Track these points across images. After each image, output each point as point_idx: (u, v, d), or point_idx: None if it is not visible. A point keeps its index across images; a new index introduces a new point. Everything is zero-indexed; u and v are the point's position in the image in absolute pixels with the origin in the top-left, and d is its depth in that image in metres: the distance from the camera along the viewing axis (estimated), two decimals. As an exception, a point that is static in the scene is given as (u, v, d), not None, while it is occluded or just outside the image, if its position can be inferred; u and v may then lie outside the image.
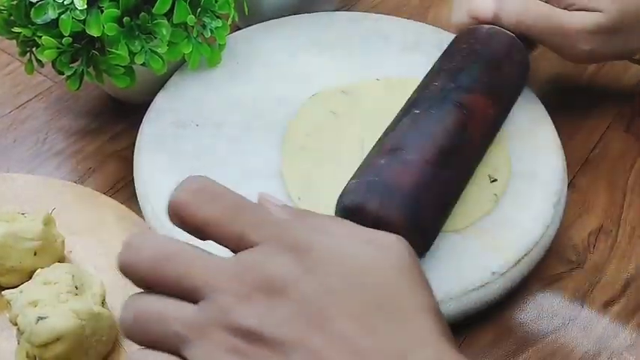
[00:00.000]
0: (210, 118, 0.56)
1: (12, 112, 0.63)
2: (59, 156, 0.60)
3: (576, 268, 0.53)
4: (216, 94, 0.58)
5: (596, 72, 0.68)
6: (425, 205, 0.42)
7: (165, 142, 0.54)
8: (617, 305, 0.51)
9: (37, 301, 0.43)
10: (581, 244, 0.54)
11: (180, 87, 0.58)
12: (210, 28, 0.56)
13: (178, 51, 0.55)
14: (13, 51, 0.67)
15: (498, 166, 0.52)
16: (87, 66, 0.54)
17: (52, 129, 0.62)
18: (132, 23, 0.53)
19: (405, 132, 0.46)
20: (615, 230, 0.55)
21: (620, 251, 0.54)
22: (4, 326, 0.47)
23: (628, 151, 0.61)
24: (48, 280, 0.45)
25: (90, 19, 0.52)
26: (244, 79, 0.59)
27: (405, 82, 0.58)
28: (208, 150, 0.54)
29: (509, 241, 0.49)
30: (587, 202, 0.57)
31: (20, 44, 0.56)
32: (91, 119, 0.63)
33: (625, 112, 0.64)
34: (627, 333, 0.49)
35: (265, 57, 0.61)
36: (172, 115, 0.56)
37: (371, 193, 0.42)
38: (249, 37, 0.63)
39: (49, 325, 0.42)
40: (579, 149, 0.60)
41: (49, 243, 0.49)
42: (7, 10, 0.54)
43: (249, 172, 0.52)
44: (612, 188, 0.58)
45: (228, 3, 0.57)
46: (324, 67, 0.60)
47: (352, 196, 0.43)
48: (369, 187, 0.42)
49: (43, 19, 0.52)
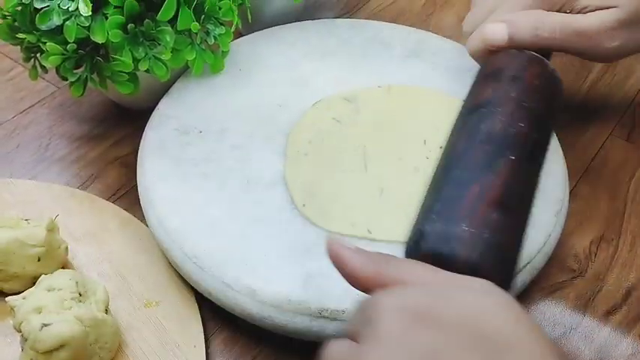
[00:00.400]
0: (214, 124, 0.56)
1: (15, 117, 0.64)
2: (62, 162, 0.60)
3: (578, 276, 0.53)
4: (219, 101, 0.58)
5: (597, 81, 0.68)
6: (514, 256, 0.41)
7: (168, 149, 0.54)
8: (619, 314, 0.51)
9: (41, 308, 0.44)
10: (582, 253, 0.54)
11: (183, 93, 0.58)
12: (214, 35, 0.56)
13: (182, 57, 0.55)
14: (16, 56, 0.67)
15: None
16: (91, 72, 0.55)
17: (55, 135, 0.62)
18: (136, 30, 0.53)
19: (506, 180, 0.42)
20: (616, 239, 0.55)
21: (621, 260, 0.54)
22: (8, 332, 0.47)
23: (629, 160, 0.61)
24: (52, 287, 0.45)
25: (94, 25, 0.52)
26: (247, 85, 0.59)
27: (407, 90, 0.59)
28: (211, 156, 0.54)
29: (511, 249, 0.49)
30: (588, 211, 0.57)
31: (24, 50, 0.56)
32: (94, 125, 0.63)
33: (626, 121, 0.64)
34: (629, 342, 0.49)
35: (268, 64, 0.61)
36: (175, 122, 0.56)
37: (487, 252, 0.39)
38: (252, 43, 0.63)
39: (53, 331, 0.42)
40: (580, 158, 0.61)
41: (52, 249, 0.49)
42: (11, 16, 0.54)
43: (252, 179, 0.52)
44: (613, 197, 0.58)
45: (231, 10, 0.57)
46: (326, 73, 0.60)
47: (464, 248, 0.39)
48: (485, 244, 0.39)
49: (48, 26, 0.52)
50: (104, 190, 0.58)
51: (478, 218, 0.39)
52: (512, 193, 0.41)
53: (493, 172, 0.42)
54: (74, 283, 0.45)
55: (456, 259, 0.38)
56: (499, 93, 0.47)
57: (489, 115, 0.46)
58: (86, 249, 0.52)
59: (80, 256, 0.52)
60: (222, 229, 0.49)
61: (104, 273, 0.51)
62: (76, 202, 0.55)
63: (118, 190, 0.58)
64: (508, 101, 0.47)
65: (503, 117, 0.45)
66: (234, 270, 0.47)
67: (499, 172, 0.42)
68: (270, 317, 0.45)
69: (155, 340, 0.47)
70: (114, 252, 0.52)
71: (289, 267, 0.47)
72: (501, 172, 0.42)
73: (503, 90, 0.47)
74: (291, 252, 0.48)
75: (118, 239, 0.53)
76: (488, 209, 0.40)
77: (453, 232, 0.39)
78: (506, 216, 0.40)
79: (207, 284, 0.47)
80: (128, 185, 0.58)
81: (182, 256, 0.48)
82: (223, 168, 0.53)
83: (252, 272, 0.47)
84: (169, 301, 0.49)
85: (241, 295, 0.46)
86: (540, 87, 0.48)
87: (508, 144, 0.44)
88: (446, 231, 0.39)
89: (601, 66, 0.69)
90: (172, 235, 0.49)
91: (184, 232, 0.49)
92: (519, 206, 0.42)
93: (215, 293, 0.47)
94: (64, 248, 0.50)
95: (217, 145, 0.55)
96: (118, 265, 0.51)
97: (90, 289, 0.46)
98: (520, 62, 0.50)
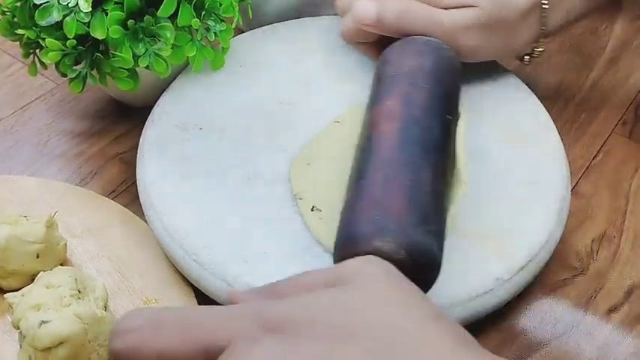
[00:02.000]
0: (214, 121, 0.56)
1: (14, 113, 0.63)
2: (61, 158, 0.60)
3: (579, 274, 0.53)
4: (219, 98, 0.58)
5: (599, 79, 0.68)
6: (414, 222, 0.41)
7: (168, 145, 0.54)
8: (621, 312, 0.50)
9: (40, 305, 0.43)
10: (584, 251, 0.54)
11: (183, 90, 0.58)
12: (215, 32, 0.56)
13: (182, 54, 0.55)
14: (15, 52, 0.67)
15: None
16: (90, 68, 0.54)
17: (54, 131, 0.62)
18: (136, 26, 0.53)
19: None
20: (618, 237, 0.55)
21: (623, 258, 0.54)
22: (6, 329, 0.47)
23: (631, 158, 0.61)
24: (50, 284, 0.45)
25: (94, 21, 0.52)
26: (247, 82, 0.59)
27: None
28: (211, 153, 0.54)
29: (513, 247, 0.49)
30: (590, 209, 0.57)
31: (24, 46, 0.56)
32: (94, 122, 0.63)
33: (628, 118, 0.64)
34: (630, 340, 0.49)
35: (268, 60, 0.61)
36: (175, 118, 0.56)
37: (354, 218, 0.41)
38: (253, 40, 0.63)
39: (52, 329, 0.42)
40: (582, 156, 0.61)
41: (51, 246, 0.48)
42: (11, 11, 0.54)
43: (252, 176, 0.52)
44: (615, 195, 0.58)
45: (232, 6, 0.57)
46: (326, 70, 0.60)
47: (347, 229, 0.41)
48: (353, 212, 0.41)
49: (48, 21, 0.52)
50: (104, 187, 0.57)
51: (362, 204, 0.42)
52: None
53: (374, 168, 0.43)
54: (73, 280, 0.45)
55: (347, 241, 0.40)
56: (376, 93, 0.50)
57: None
58: (85, 246, 0.52)
59: (79, 253, 0.51)
60: (223, 227, 0.49)
61: (103, 270, 0.51)
62: (76, 198, 0.55)
63: (117, 187, 0.58)
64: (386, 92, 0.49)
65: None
66: (234, 267, 0.47)
67: (377, 162, 0.44)
68: (270, 315, 0.45)
69: (155, 337, 0.47)
70: (113, 249, 0.52)
71: (289, 265, 0.47)
72: (377, 162, 0.44)
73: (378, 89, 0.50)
74: (292, 249, 0.48)
75: (117, 236, 0.52)
76: (370, 193, 0.42)
77: (343, 222, 0.42)
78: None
79: (207, 282, 0.47)
80: (128, 182, 0.58)
81: (182, 253, 0.48)
82: (223, 165, 0.53)
83: (252, 270, 0.47)
84: (169, 298, 0.49)
85: (241, 292, 0.46)
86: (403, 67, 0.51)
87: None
88: (340, 227, 0.42)
89: (603, 64, 0.69)
90: (172, 232, 0.49)
91: (184, 229, 0.49)
92: (405, 169, 0.43)
93: (215, 291, 0.47)
94: (63, 245, 0.50)
95: (217, 142, 0.54)
96: (117, 263, 0.51)
97: (89, 286, 0.46)
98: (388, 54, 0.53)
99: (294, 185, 0.51)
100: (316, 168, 0.52)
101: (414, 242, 0.39)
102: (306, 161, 0.53)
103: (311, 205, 0.50)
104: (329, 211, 0.49)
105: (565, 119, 0.63)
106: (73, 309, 0.43)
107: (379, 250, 0.38)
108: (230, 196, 0.51)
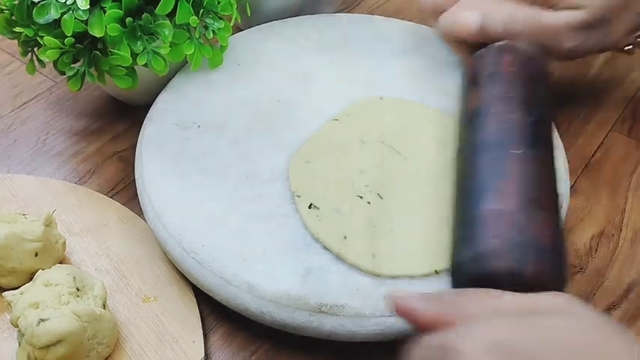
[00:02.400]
0: (212, 119, 0.56)
1: (12, 112, 0.63)
2: (60, 157, 0.60)
3: (578, 272, 0.53)
4: (217, 96, 0.57)
5: (598, 76, 0.68)
6: (562, 255, 0.40)
7: (166, 144, 0.54)
8: (619, 310, 0.50)
9: (39, 303, 0.43)
10: (582, 249, 0.54)
11: (182, 88, 0.58)
12: (213, 29, 0.56)
13: (180, 52, 0.55)
14: (14, 50, 0.67)
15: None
16: (89, 66, 0.54)
17: (52, 129, 0.62)
18: (134, 24, 0.53)
19: (519, 178, 0.42)
20: (617, 234, 0.55)
21: (621, 256, 0.54)
22: (5, 327, 0.47)
23: (630, 156, 0.61)
24: (49, 282, 0.45)
25: (92, 19, 0.52)
26: (246, 80, 0.59)
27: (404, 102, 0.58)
28: (210, 151, 0.53)
29: (512, 244, 0.48)
30: (588, 207, 0.57)
31: (22, 44, 0.56)
32: (92, 120, 0.63)
33: (627, 116, 0.64)
34: (629, 337, 0.49)
35: (267, 58, 0.61)
36: (174, 116, 0.56)
37: (524, 253, 0.38)
38: (251, 38, 0.63)
39: (51, 327, 0.42)
40: (581, 153, 0.61)
41: (50, 244, 0.48)
42: (9, 9, 0.54)
43: (251, 174, 0.52)
44: (614, 192, 0.58)
45: (230, 4, 0.57)
46: (325, 68, 0.60)
47: (499, 260, 0.39)
48: (518, 247, 0.39)
49: (46, 19, 0.52)
50: (102, 185, 0.57)
51: (504, 226, 0.39)
52: (527, 187, 0.41)
53: (503, 176, 0.42)
54: (72, 278, 0.45)
55: (497, 273, 0.38)
56: (482, 98, 0.48)
57: (481, 124, 0.46)
58: (84, 244, 0.52)
59: (78, 251, 0.51)
60: (221, 224, 0.49)
61: (102, 268, 0.51)
62: (74, 197, 0.55)
63: (116, 185, 0.57)
64: (494, 101, 0.47)
65: (494, 118, 0.46)
66: (233, 265, 0.47)
67: (508, 172, 0.42)
68: (269, 312, 0.45)
69: (153, 335, 0.47)
70: (112, 247, 0.52)
71: (288, 262, 0.47)
72: (510, 171, 0.42)
73: (486, 92, 0.48)
74: (290, 247, 0.48)
75: (116, 234, 0.52)
76: (510, 214, 0.40)
77: (484, 249, 0.39)
78: (530, 211, 0.40)
79: (205, 279, 0.47)
80: (126, 180, 0.58)
81: (180, 251, 0.48)
82: (222, 163, 0.53)
83: (251, 267, 0.46)
84: (168, 296, 0.49)
85: (240, 290, 0.46)
86: (518, 72, 0.49)
87: (507, 141, 0.44)
88: (477, 252, 0.39)
89: (602, 61, 0.69)
90: (171, 230, 0.49)
91: (183, 227, 0.49)
92: (540, 197, 0.41)
93: (214, 288, 0.47)
94: (62, 243, 0.50)
95: (216, 140, 0.54)
96: (116, 261, 0.51)
97: (88, 284, 0.46)
98: (492, 57, 0.51)
99: (292, 183, 0.51)
100: (314, 166, 0.52)
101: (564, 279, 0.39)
102: (305, 159, 0.53)
103: (309, 203, 0.50)
104: (326, 209, 0.49)
105: (564, 117, 0.63)
106: (72, 307, 0.43)
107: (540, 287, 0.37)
108: (229, 194, 0.51)
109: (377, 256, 0.47)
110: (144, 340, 0.47)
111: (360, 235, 0.48)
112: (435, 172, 0.52)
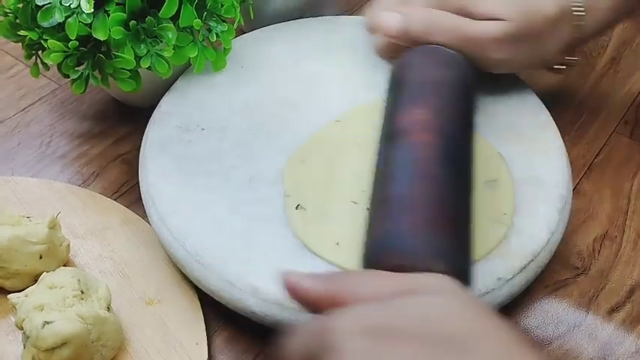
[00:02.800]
0: (215, 122, 0.56)
1: (16, 115, 0.63)
2: (63, 159, 0.60)
3: (581, 274, 0.53)
4: (221, 98, 0.58)
5: (600, 78, 0.68)
6: (459, 240, 0.41)
7: (170, 146, 0.54)
8: (622, 312, 0.51)
9: (43, 306, 0.43)
10: (585, 251, 0.54)
11: (185, 91, 0.58)
12: (216, 32, 0.56)
13: (184, 55, 0.55)
14: (17, 53, 0.67)
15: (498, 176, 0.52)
16: (92, 69, 0.54)
17: (56, 132, 0.62)
18: (138, 27, 0.53)
19: (429, 173, 0.43)
20: (620, 236, 0.55)
21: (624, 257, 0.54)
22: (10, 330, 0.47)
23: (632, 157, 0.61)
24: (53, 284, 0.45)
25: (96, 22, 0.52)
26: (249, 83, 0.59)
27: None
28: (213, 154, 0.54)
29: (514, 247, 0.49)
30: (591, 208, 0.57)
31: (26, 47, 0.56)
32: (96, 123, 0.63)
33: (629, 118, 0.64)
34: (632, 339, 0.49)
35: (270, 61, 0.61)
36: (177, 119, 0.56)
37: (425, 240, 0.40)
38: (254, 41, 0.63)
39: (55, 329, 0.42)
40: (583, 155, 0.61)
41: (54, 247, 0.49)
42: (13, 13, 0.54)
43: (254, 176, 0.52)
44: (616, 194, 0.58)
45: (234, 7, 0.57)
46: (328, 71, 0.60)
47: (389, 247, 0.40)
48: (422, 233, 0.40)
49: (50, 23, 0.52)
50: (106, 188, 0.58)
51: (409, 217, 0.41)
52: (433, 183, 0.42)
53: (414, 179, 0.42)
54: (76, 280, 0.45)
55: (396, 253, 0.39)
56: (398, 107, 0.48)
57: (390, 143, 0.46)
58: (88, 246, 0.52)
59: (82, 253, 0.52)
60: (225, 227, 0.49)
61: (106, 271, 0.51)
62: (78, 199, 0.55)
63: (120, 188, 0.58)
64: (409, 110, 0.48)
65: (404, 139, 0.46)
66: (237, 268, 0.47)
67: (417, 174, 0.43)
68: (272, 315, 0.45)
69: (157, 338, 0.47)
70: (116, 250, 0.52)
71: (292, 264, 0.47)
72: (417, 174, 0.43)
73: (401, 100, 0.49)
74: (294, 249, 0.48)
75: (120, 237, 0.53)
76: (416, 207, 0.41)
77: (389, 231, 0.40)
78: (435, 204, 0.41)
79: (209, 282, 0.47)
80: (130, 183, 0.58)
81: (184, 253, 0.48)
82: (225, 165, 0.53)
83: (255, 270, 0.47)
84: (171, 299, 0.49)
85: (244, 292, 0.46)
86: (434, 78, 0.50)
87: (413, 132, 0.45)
88: (382, 234, 0.40)
89: (604, 63, 0.69)
90: (174, 233, 0.49)
91: (186, 230, 0.49)
92: (448, 188, 0.42)
93: (217, 291, 0.47)
94: (66, 246, 0.50)
95: (219, 143, 0.54)
96: (120, 263, 0.51)
97: (92, 286, 0.46)
98: (412, 62, 0.52)
99: (286, 182, 0.51)
100: (309, 166, 0.52)
101: (462, 269, 0.40)
102: (301, 159, 0.53)
103: (296, 203, 0.50)
104: (314, 211, 0.49)
105: (566, 118, 0.63)
106: (76, 309, 0.43)
107: (429, 271, 0.38)
108: (232, 197, 0.51)
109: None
110: (148, 342, 0.47)
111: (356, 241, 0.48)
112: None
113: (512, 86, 0.60)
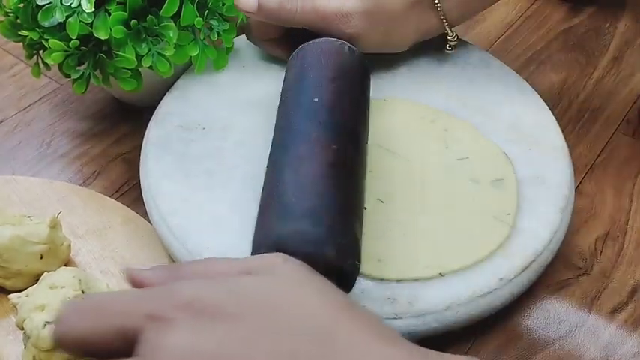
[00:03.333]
0: (217, 121, 0.56)
1: (17, 114, 0.63)
2: (64, 159, 0.60)
3: (583, 274, 0.53)
4: (222, 98, 0.58)
5: (602, 78, 0.68)
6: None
7: (171, 145, 0.54)
8: (624, 312, 0.50)
9: (44, 305, 0.43)
10: (587, 250, 0.54)
11: (186, 90, 0.58)
12: (218, 31, 0.56)
13: (185, 54, 0.55)
14: (18, 53, 0.67)
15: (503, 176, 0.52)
16: (94, 69, 0.54)
17: (57, 132, 0.62)
18: (139, 26, 0.53)
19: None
20: (622, 236, 0.55)
21: (627, 257, 0.54)
22: (11, 330, 0.47)
23: (635, 157, 0.60)
24: (54, 284, 0.45)
25: (97, 22, 0.52)
26: (250, 82, 0.59)
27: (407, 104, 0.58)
28: (214, 153, 0.54)
29: (516, 246, 0.48)
30: (593, 208, 0.57)
31: (27, 47, 0.56)
32: (97, 122, 0.63)
33: (631, 117, 0.64)
34: (634, 339, 0.49)
35: (271, 60, 0.61)
36: (178, 119, 0.56)
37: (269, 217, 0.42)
38: (256, 40, 0.63)
39: (56, 329, 0.42)
40: (586, 155, 0.60)
41: (55, 246, 0.49)
42: (14, 12, 0.54)
43: (255, 176, 0.52)
44: (619, 194, 0.58)
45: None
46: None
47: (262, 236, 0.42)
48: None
49: (51, 22, 0.52)
50: (107, 187, 0.58)
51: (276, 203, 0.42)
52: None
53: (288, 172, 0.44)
54: (77, 280, 0.45)
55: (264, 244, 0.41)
56: (286, 103, 0.50)
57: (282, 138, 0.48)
58: (89, 246, 0.52)
59: (83, 253, 0.52)
60: (226, 227, 0.49)
61: (107, 270, 0.51)
62: (79, 199, 0.55)
63: (120, 187, 0.58)
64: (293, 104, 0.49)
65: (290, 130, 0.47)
66: (238, 267, 0.47)
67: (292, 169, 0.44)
68: (274, 315, 0.45)
69: (158, 337, 0.47)
70: (117, 249, 0.52)
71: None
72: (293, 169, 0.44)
73: (290, 97, 0.50)
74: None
75: (121, 236, 0.53)
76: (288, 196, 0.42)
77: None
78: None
79: (210, 282, 0.47)
80: (131, 182, 0.58)
81: (185, 253, 0.48)
82: (227, 165, 0.53)
83: (256, 269, 0.46)
84: (173, 298, 0.49)
85: (245, 292, 0.46)
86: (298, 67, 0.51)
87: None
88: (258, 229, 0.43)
89: (606, 62, 0.69)
90: (175, 232, 0.49)
91: (187, 230, 0.49)
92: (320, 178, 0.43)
93: (219, 291, 0.47)
94: (67, 245, 0.50)
95: (220, 142, 0.54)
96: (121, 263, 0.51)
97: (93, 286, 0.46)
98: (301, 58, 0.52)
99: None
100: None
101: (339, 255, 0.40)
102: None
103: None
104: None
105: (568, 118, 0.63)
106: (77, 309, 0.43)
107: (308, 257, 0.38)
108: (233, 196, 0.51)
109: (382, 260, 0.47)
110: (149, 342, 0.47)
111: (364, 241, 0.48)
112: (437, 174, 0.52)
113: (515, 87, 0.59)
